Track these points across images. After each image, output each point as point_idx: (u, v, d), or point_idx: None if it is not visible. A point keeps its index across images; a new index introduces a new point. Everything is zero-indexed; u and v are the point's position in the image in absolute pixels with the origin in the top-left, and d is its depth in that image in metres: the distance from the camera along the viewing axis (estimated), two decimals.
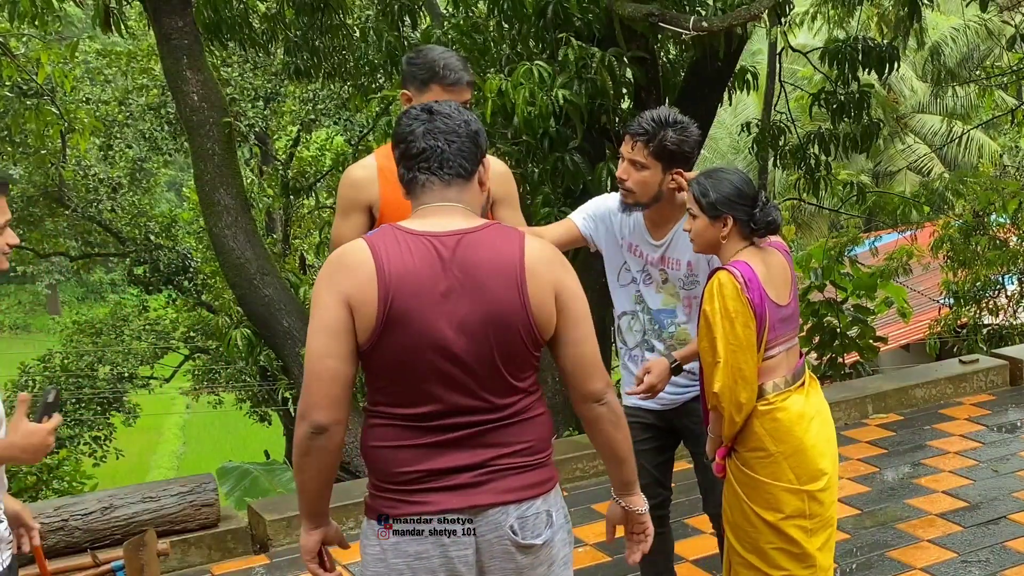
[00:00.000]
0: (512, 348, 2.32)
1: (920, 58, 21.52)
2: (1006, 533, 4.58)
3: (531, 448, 2.39)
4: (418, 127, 2.36)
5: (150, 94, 15.59)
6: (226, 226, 7.53)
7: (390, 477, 2.35)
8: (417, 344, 2.27)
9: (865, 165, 22.66)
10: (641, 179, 3.22)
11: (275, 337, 7.81)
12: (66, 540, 4.31)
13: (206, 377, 18.20)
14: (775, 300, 3.08)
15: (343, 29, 8.85)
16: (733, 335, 3.00)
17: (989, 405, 6.40)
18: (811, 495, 3.12)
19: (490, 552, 2.35)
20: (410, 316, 2.26)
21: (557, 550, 2.44)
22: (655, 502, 3.53)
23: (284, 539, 4.71)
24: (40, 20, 7.62)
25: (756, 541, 3.15)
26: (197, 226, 16.68)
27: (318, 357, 2.27)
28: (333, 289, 2.27)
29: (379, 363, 2.31)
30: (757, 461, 3.13)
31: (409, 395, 2.32)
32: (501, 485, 2.35)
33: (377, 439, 2.37)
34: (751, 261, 3.08)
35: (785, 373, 3.14)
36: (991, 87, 15.62)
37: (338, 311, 2.26)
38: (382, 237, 2.32)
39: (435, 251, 2.29)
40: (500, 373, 2.33)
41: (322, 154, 17.46)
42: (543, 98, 5.60)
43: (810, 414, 3.16)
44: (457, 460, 2.32)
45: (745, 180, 3.12)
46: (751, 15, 5.68)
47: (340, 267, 2.29)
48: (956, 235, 10.42)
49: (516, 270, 2.31)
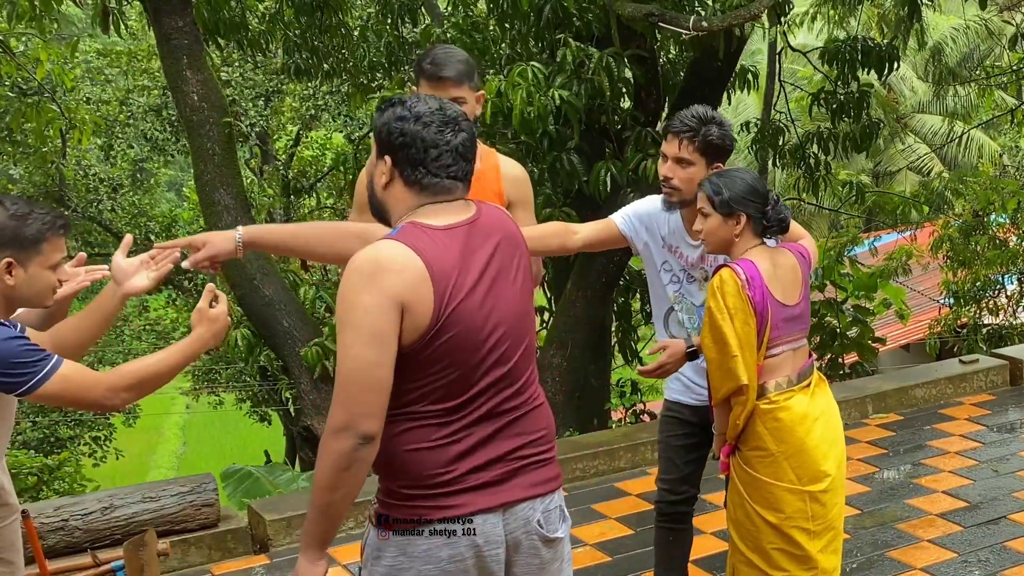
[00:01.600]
0: (531, 331, 2.41)
1: (920, 58, 21.51)
2: (1006, 533, 4.58)
3: (546, 436, 2.44)
4: (432, 123, 2.39)
5: (151, 95, 15.59)
6: (226, 226, 7.52)
7: (422, 480, 2.29)
8: (468, 337, 2.27)
9: (865, 165, 22.66)
10: (687, 176, 3.27)
11: (275, 337, 7.81)
12: (66, 540, 4.31)
13: (206, 377, 18.19)
14: (780, 299, 3.09)
15: (342, 28, 8.86)
16: (732, 332, 3.02)
17: (989, 405, 6.40)
18: (813, 496, 3.12)
19: (517, 548, 2.36)
20: (463, 310, 2.26)
21: (567, 546, 2.48)
22: (680, 498, 3.57)
23: (284, 539, 4.70)
24: (39, 21, 7.62)
25: (758, 540, 3.15)
26: (197, 226, 16.67)
27: (369, 366, 2.18)
28: (381, 294, 2.18)
29: (422, 362, 2.25)
30: (758, 460, 3.13)
31: (452, 389, 2.27)
32: (527, 479, 2.36)
33: (408, 442, 2.29)
34: (757, 259, 3.10)
35: (789, 373, 3.15)
36: (991, 87, 15.61)
37: (389, 315, 2.18)
38: (414, 236, 2.27)
39: (466, 242, 2.31)
40: (527, 359, 2.39)
41: (322, 154, 17.45)
42: (540, 98, 5.60)
43: (814, 415, 3.16)
44: (488, 454, 2.32)
45: (757, 179, 3.17)
46: (751, 15, 5.68)
47: (382, 269, 2.20)
48: (956, 235, 10.42)
49: (522, 250, 2.43)
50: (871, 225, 15.34)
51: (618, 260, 7.29)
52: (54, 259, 2.63)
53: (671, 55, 7.96)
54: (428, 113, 2.32)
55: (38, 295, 2.65)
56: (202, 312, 2.59)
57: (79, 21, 16.35)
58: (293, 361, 7.79)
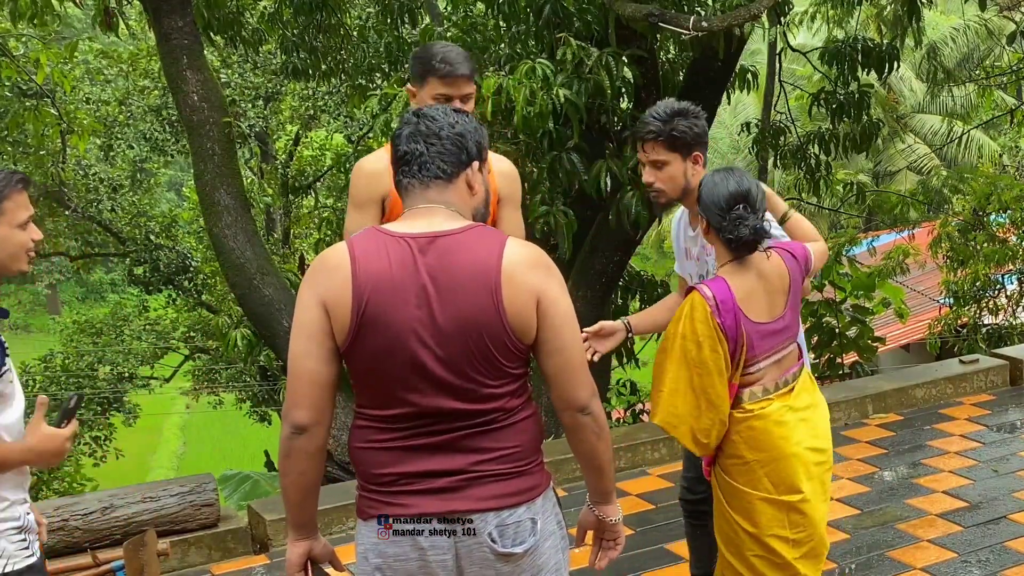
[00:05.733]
0: (487, 353, 2.28)
1: (920, 58, 21.51)
2: (1006, 533, 4.58)
3: (514, 454, 2.34)
4: (404, 130, 2.37)
5: (151, 95, 15.59)
6: (226, 226, 7.52)
7: (370, 478, 2.35)
8: (390, 347, 2.26)
9: (865, 165, 22.67)
10: (666, 176, 3.26)
11: (275, 337, 7.79)
12: (66, 540, 4.31)
13: (206, 377, 18.21)
14: (756, 319, 3.02)
15: (341, 28, 8.85)
16: (699, 359, 2.97)
17: (989, 405, 6.40)
18: (789, 505, 3.08)
19: (469, 558, 2.33)
20: (383, 319, 2.25)
21: (546, 558, 2.39)
22: (700, 496, 3.63)
23: (284, 539, 4.67)
24: (39, 20, 7.62)
25: (740, 548, 3.14)
26: (197, 226, 16.67)
27: (296, 358, 2.28)
28: (312, 291, 2.28)
29: (356, 365, 2.31)
30: (735, 468, 3.11)
31: (383, 397, 2.31)
32: (480, 492, 2.31)
33: (358, 439, 2.38)
34: (730, 278, 3.03)
35: (766, 383, 3.10)
36: (991, 87, 15.61)
37: (315, 312, 2.27)
38: (363, 239, 2.32)
39: (411, 253, 2.27)
40: (475, 378, 2.29)
41: (322, 154, 17.47)
42: (543, 97, 5.59)
43: (791, 420, 3.09)
44: (433, 464, 2.30)
45: (735, 188, 3.01)
46: (751, 15, 5.67)
47: (320, 269, 2.30)
48: (955, 233, 10.42)
49: (492, 274, 2.26)
50: (870, 225, 15.35)
51: (618, 260, 7.29)
52: (20, 217, 2.46)
53: (671, 55, 7.95)
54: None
55: (11, 258, 2.48)
56: (34, 428, 2.46)
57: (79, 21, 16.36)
58: None
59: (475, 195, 2.40)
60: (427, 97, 3.20)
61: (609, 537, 2.56)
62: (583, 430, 2.37)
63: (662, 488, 5.26)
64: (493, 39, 7.15)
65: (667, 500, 5.09)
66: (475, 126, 2.41)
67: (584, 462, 2.45)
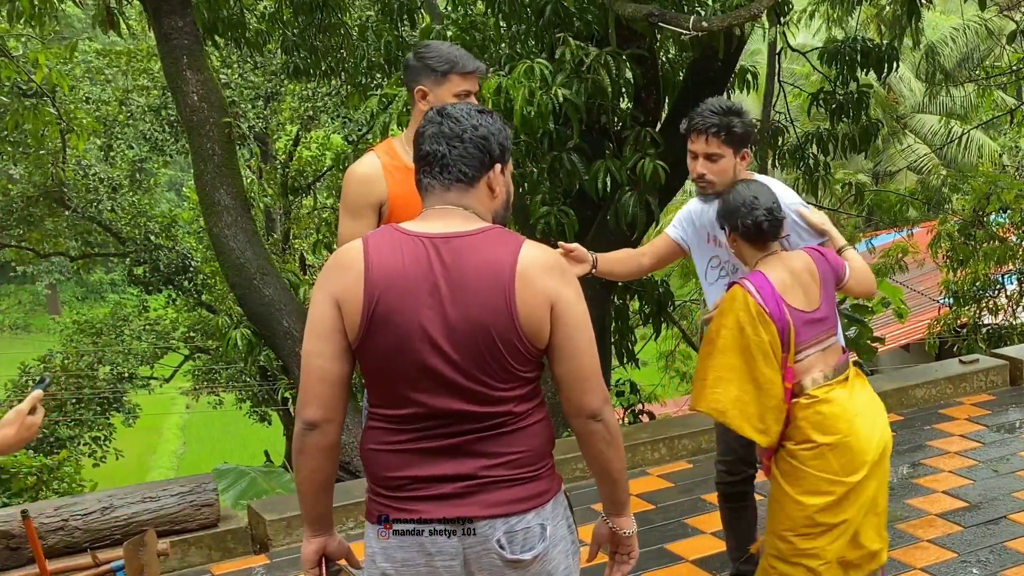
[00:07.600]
0: (498, 356, 2.25)
1: (919, 58, 21.50)
2: (1006, 533, 4.58)
3: (523, 459, 2.32)
4: (428, 129, 2.34)
5: (150, 95, 15.58)
6: (226, 226, 7.52)
7: (380, 480, 2.34)
8: (400, 345, 2.24)
9: (865, 165, 22.65)
10: (720, 168, 3.38)
11: (275, 337, 7.79)
12: (66, 540, 4.31)
13: (206, 377, 18.19)
14: (797, 307, 3.15)
15: (342, 28, 8.85)
16: (743, 344, 3.08)
17: (989, 405, 6.40)
18: (851, 486, 3.18)
19: (478, 564, 2.31)
20: (394, 317, 2.24)
21: (555, 564, 2.37)
22: (739, 478, 3.70)
23: (284, 539, 4.71)
24: (38, 20, 7.61)
25: (795, 523, 3.19)
26: (197, 226, 16.67)
27: (308, 355, 2.29)
28: (325, 288, 2.28)
29: (367, 362, 2.30)
30: (805, 453, 3.18)
31: (394, 396, 2.30)
32: (489, 498, 2.29)
33: (370, 441, 2.37)
34: (768, 270, 3.18)
35: (824, 369, 3.21)
36: (990, 87, 15.62)
37: (327, 310, 2.27)
38: (378, 236, 2.32)
39: (426, 252, 2.26)
40: (484, 380, 2.26)
41: (322, 154, 17.46)
42: (543, 97, 5.59)
43: (855, 409, 3.21)
44: (443, 469, 2.29)
45: (742, 194, 3.24)
46: (751, 15, 5.67)
47: (334, 266, 2.30)
48: (954, 232, 10.42)
49: (505, 275, 2.24)
50: (870, 224, 15.35)
51: None
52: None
53: (671, 55, 7.95)
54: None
55: None
56: (21, 414, 2.51)
57: (79, 21, 16.36)
58: (293, 361, 7.77)
59: (496, 198, 2.38)
60: (447, 95, 3.12)
61: (623, 551, 2.53)
62: (594, 437, 2.36)
63: (662, 488, 5.26)
64: (493, 39, 7.15)
65: (667, 500, 5.09)
66: (499, 127, 2.38)
67: (596, 471, 2.42)
